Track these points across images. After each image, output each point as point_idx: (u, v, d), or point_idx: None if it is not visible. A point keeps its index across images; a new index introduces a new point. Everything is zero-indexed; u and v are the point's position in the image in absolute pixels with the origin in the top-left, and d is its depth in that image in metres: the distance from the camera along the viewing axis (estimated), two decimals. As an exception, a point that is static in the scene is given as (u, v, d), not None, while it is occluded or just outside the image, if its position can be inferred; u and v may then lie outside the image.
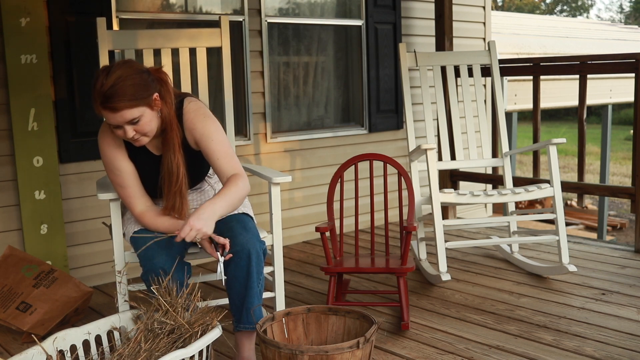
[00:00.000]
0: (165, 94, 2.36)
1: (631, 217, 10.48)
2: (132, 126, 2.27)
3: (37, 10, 3.42)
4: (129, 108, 2.22)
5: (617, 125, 18.94)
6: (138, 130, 2.29)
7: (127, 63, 2.30)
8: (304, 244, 4.62)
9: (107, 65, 2.31)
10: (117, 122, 2.26)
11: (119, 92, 2.19)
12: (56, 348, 2.15)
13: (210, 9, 4.21)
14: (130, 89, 2.21)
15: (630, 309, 3.08)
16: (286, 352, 2.03)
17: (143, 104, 2.25)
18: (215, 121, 2.47)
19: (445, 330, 2.91)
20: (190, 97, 2.51)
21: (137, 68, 2.29)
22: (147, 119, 2.29)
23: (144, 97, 2.25)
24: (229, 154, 2.42)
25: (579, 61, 4.22)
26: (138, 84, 2.24)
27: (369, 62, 4.94)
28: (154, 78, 2.33)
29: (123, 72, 2.23)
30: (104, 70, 2.26)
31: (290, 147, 4.60)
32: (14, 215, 3.50)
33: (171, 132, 2.37)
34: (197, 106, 2.46)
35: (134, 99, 2.22)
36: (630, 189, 4.00)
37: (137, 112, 2.25)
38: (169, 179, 2.39)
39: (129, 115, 2.23)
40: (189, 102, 2.46)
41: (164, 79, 2.38)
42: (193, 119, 2.42)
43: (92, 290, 3.19)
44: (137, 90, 2.23)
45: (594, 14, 44.89)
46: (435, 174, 3.34)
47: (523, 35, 10.83)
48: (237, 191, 2.34)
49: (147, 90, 2.27)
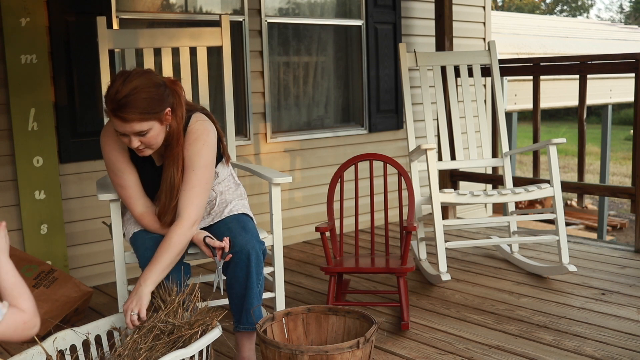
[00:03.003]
0: (177, 108, 2.32)
1: (631, 217, 10.48)
2: (138, 137, 2.24)
3: (37, 10, 3.42)
4: (139, 121, 2.19)
5: (617, 125, 18.94)
6: (144, 142, 2.27)
7: (146, 74, 2.25)
8: (304, 244, 4.62)
9: (125, 71, 2.26)
10: (125, 132, 2.23)
11: (132, 103, 2.16)
12: (56, 348, 2.15)
13: (210, 8, 4.21)
14: (144, 103, 2.18)
15: (630, 309, 3.08)
16: (286, 352, 2.03)
17: (154, 118, 2.22)
18: (211, 153, 2.40)
19: (445, 330, 2.91)
20: (199, 113, 2.46)
21: (154, 81, 2.24)
22: (155, 132, 2.26)
23: (156, 111, 2.22)
24: (196, 194, 2.35)
25: (579, 61, 4.22)
26: (152, 98, 2.20)
27: (369, 62, 4.94)
28: (170, 92, 2.30)
29: (140, 83, 2.19)
30: (121, 76, 2.22)
31: (290, 147, 4.60)
32: (14, 215, 3.49)
33: (177, 147, 2.34)
34: (202, 127, 2.40)
35: (146, 113, 2.19)
36: (630, 189, 4.00)
37: (147, 125, 2.22)
38: (169, 194, 2.37)
39: (137, 128, 2.21)
40: (196, 120, 2.41)
41: (178, 91, 2.34)
42: (190, 140, 2.37)
43: (92, 290, 3.19)
44: (150, 104, 2.20)
45: (594, 14, 44.92)
46: (435, 174, 3.34)
47: (523, 35, 10.83)
48: (170, 250, 2.27)
49: (161, 105, 2.23)
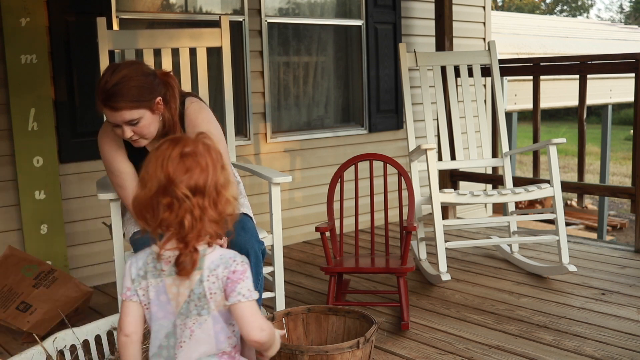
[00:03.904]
0: (170, 99, 2.35)
1: (631, 217, 10.48)
2: (131, 127, 2.27)
3: (37, 10, 3.42)
4: (129, 109, 2.22)
5: (617, 125, 18.93)
6: (136, 132, 2.29)
7: (135, 64, 2.30)
8: (304, 244, 4.62)
9: (114, 64, 2.32)
10: (116, 121, 2.26)
11: (122, 92, 2.20)
12: (56, 348, 2.15)
13: (210, 9, 4.21)
14: (133, 90, 2.22)
15: (630, 309, 3.08)
16: (286, 352, 2.03)
17: (144, 106, 2.25)
18: (218, 127, 2.47)
19: (445, 330, 2.91)
20: (192, 97, 2.51)
21: (143, 70, 2.29)
22: (147, 121, 2.29)
23: (145, 99, 2.25)
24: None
25: (579, 61, 4.22)
26: (141, 86, 2.24)
27: (369, 62, 4.94)
28: (160, 81, 2.33)
29: (128, 73, 2.23)
30: (110, 68, 2.26)
31: (290, 147, 4.60)
32: (14, 215, 3.49)
33: None
34: (199, 107, 2.46)
35: (135, 101, 2.22)
36: (630, 189, 4.00)
37: (137, 114, 2.25)
38: None
39: (128, 116, 2.24)
40: (191, 102, 2.46)
41: (170, 83, 2.37)
42: (195, 120, 2.41)
43: (92, 290, 3.19)
44: (140, 92, 2.23)
45: (594, 14, 44.90)
46: (435, 174, 3.34)
47: (523, 35, 10.83)
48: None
49: (151, 93, 2.27)
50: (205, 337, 1.49)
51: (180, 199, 1.42)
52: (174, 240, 1.47)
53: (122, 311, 1.55)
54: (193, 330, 1.49)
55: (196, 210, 1.44)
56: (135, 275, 1.53)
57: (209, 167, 1.46)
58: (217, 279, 1.49)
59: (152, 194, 1.44)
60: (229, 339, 1.53)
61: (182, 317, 1.50)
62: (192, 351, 1.49)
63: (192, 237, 1.44)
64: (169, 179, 1.43)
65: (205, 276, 1.49)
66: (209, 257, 1.50)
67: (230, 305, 1.48)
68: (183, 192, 1.42)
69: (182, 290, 1.49)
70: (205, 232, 1.46)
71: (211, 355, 1.49)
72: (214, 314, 1.50)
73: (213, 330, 1.50)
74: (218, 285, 1.49)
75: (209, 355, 1.49)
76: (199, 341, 1.49)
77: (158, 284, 1.51)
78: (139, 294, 1.53)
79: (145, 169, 1.49)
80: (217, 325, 1.50)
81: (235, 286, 1.48)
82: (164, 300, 1.51)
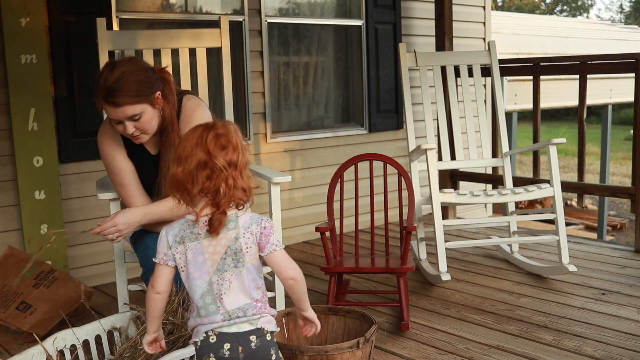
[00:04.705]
0: (168, 94, 2.37)
1: (631, 217, 10.48)
2: (132, 123, 2.28)
3: (37, 10, 3.42)
4: (131, 104, 2.24)
5: (617, 125, 18.93)
6: (138, 127, 2.30)
7: (132, 60, 2.33)
8: (304, 244, 4.62)
9: (112, 61, 2.34)
10: (118, 118, 2.27)
11: (122, 87, 2.21)
12: (56, 348, 2.15)
13: (210, 9, 4.21)
14: (134, 86, 2.23)
15: (630, 309, 3.08)
16: (286, 352, 2.03)
17: (145, 101, 2.27)
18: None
19: (445, 330, 2.91)
20: (189, 94, 2.52)
21: (141, 65, 2.31)
22: (148, 116, 2.30)
23: (146, 94, 2.27)
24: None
25: (579, 61, 4.22)
26: (141, 81, 2.25)
27: (369, 62, 4.94)
28: (158, 77, 2.35)
29: (127, 68, 2.25)
30: (108, 65, 2.28)
31: (290, 147, 4.60)
32: (14, 215, 3.49)
33: (172, 133, 2.39)
34: (196, 103, 2.47)
35: (137, 96, 2.24)
36: (630, 189, 4.00)
37: (139, 108, 2.26)
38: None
39: (130, 112, 2.25)
40: (188, 99, 2.48)
41: (167, 78, 2.39)
42: (190, 117, 2.42)
43: (92, 290, 3.19)
44: (140, 87, 2.25)
45: (594, 14, 44.90)
46: (435, 174, 3.34)
47: (523, 35, 10.83)
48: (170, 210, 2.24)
49: (150, 88, 2.28)
50: (241, 286, 1.74)
51: (218, 170, 1.69)
52: (209, 206, 1.72)
53: (157, 273, 1.77)
54: (232, 282, 1.73)
55: (230, 180, 1.70)
56: (173, 242, 1.75)
57: (239, 146, 1.75)
58: (252, 235, 1.74)
59: (193, 168, 1.69)
60: (258, 289, 1.77)
61: (218, 272, 1.73)
62: (232, 299, 1.73)
63: (224, 202, 1.70)
64: (209, 155, 1.69)
65: (241, 233, 1.74)
66: (242, 218, 1.75)
67: (266, 255, 1.75)
68: (222, 164, 1.69)
69: (218, 249, 1.73)
70: (235, 198, 1.72)
71: (247, 303, 1.74)
72: (247, 266, 1.74)
73: (247, 280, 1.74)
74: (253, 240, 1.74)
75: (246, 303, 1.73)
76: (237, 290, 1.73)
77: (195, 247, 1.73)
78: (175, 257, 1.75)
79: (182, 149, 1.73)
80: (249, 276, 1.74)
81: (268, 239, 1.75)
82: (201, 260, 1.73)
